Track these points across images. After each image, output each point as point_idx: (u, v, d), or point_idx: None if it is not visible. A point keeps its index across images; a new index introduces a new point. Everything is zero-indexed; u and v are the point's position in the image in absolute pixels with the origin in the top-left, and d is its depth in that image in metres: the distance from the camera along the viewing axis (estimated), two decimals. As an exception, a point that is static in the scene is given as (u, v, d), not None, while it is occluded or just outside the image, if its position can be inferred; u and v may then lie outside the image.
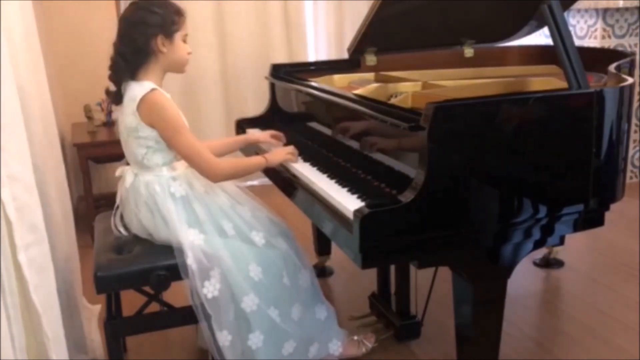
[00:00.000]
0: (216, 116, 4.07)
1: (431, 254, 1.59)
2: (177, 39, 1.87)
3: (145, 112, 1.81)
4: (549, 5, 1.72)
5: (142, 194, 1.87)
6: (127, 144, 1.90)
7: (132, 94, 1.83)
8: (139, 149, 1.86)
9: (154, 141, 1.85)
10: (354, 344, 2.14)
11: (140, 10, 1.85)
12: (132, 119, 1.82)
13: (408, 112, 1.67)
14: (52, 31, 3.53)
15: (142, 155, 1.87)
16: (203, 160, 1.86)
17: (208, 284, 1.79)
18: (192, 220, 1.86)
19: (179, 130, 1.83)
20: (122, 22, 1.88)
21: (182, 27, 1.89)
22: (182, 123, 1.85)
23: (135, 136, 1.85)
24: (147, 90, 1.81)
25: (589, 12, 3.86)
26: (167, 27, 1.84)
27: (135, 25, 1.84)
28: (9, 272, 1.38)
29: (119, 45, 1.86)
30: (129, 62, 1.84)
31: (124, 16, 1.88)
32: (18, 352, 1.40)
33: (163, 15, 1.84)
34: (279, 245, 1.93)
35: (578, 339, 2.27)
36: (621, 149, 1.76)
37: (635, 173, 4.06)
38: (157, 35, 1.83)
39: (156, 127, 1.83)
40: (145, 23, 1.82)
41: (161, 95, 1.83)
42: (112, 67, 1.89)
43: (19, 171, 1.44)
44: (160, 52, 1.85)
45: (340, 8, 4.21)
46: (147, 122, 1.82)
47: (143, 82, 1.85)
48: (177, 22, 1.87)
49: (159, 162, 1.88)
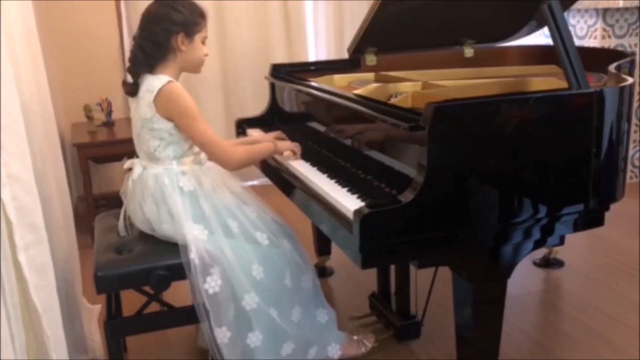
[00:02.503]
0: (216, 116, 4.06)
1: (431, 254, 1.60)
2: (197, 40, 1.91)
3: (162, 103, 1.84)
4: (549, 5, 1.72)
5: (150, 186, 1.89)
6: (139, 136, 1.92)
7: (149, 86, 1.85)
8: (152, 141, 1.88)
9: (167, 133, 1.87)
10: (354, 344, 2.14)
11: (164, 6, 1.88)
12: (148, 110, 1.85)
13: (408, 112, 1.68)
14: (52, 31, 3.53)
15: (154, 148, 1.88)
16: (219, 148, 1.91)
17: (210, 280, 1.79)
18: (197, 216, 1.86)
19: (196, 118, 1.87)
20: (145, 16, 1.90)
21: (204, 29, 1.93)
22: (198, 112, 1.88)
23: (149, 127, 1.86)
24: (164, 82, 1.84)
25: (589, 12, 3.86)
26: (189, 27, 1.88)
27: (158, 20, 1.87)
28: (9, 272, 1.38)
29: (139, 38, 1.89)
30: (148, 55, 1.88)
31: (148, 10, 1.91)
32: (18, 352, 1.40)
33: (187, 15, 1.87)
34: (282, 246, 1.93)
35: (578, 339, 2.27)
36: (621, 149, 1.76)
37: (635, 173, 4.06)
38: (179, 33, 1.87)
39: (173, 117, 1.86)
40: (169, 19, 1.86)
41: (177, 86, 1.87)
42: (131, 59, 1.92)
43: (19, 171, 1.43)
44: (179, 50, 1.89)
45: (340, 8, 4.21)
46: (164, 114, 1.85)
47: (159, 75, 1.88)
48: (200, 23, 1.91)
49: (170, 155, 1.89)
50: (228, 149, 1.94)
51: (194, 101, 1.89)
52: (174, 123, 1.87)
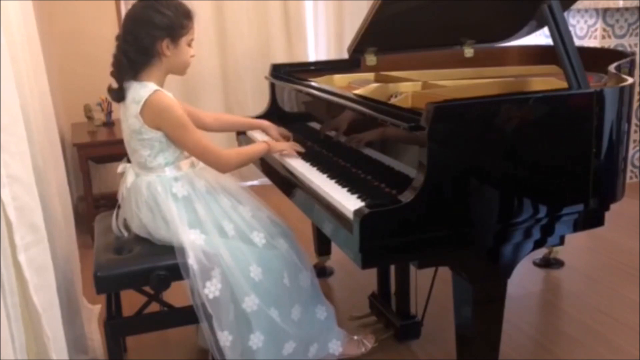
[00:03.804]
0: (216, 116, 4.06)
1: (431, 254, 1.59)
2: (183, 43, 1.86)
3: (149, 115, 1.81)
4: (549, 5, 1.72)
5: (143, 194, 1.87)
6: (129, 144, 1.91)
7: (135, 96, 1.81)
8: (143, 151, 1.86)
9: (157, 142, 1.85)
10: (354, 343, 2.14)
11: (148, 9, 1.81)
12: (136, 121, 1.82)
13: (408, 112, 1.67)
14: (52, 31, 3.53)
15: (145, 157, 1.87)
16: (213, 155, 1.90)
17: (209, 284, 1.78)
18: (193, 221, 1.86)
19: (187, 127, 1.84)
20: (128, 18, 1.85)
21: (190, 31, 1.87)
22: (188, 120, 1.85)
23: (139, 138, 1.84)
24: (150, 92, 1.80)
25: (589, 12, 3.86)
26: (174, 31, 1.82)
27: (141, 24, 1.80)
28: (9, 272, 1.38)
29: (123, 42, 1.83)
30: (132, 61, 1.82)
31: (131, 13, 1.85)
32: (18, 352, 1.39)
33: (172, 18, 1.81)
34: (279, 245, 1.93)
35: (578, 339, 2.27)
36: (621, 149, 1.76)
37: (635, 173, 4.06)
38: (163, 38, 1.81)
39: (163, 129, 1.83)
40: (152, 24, 1.79)
41: (164, 96, 1.83)
42: (115, 64, 1.86)
43: (19, 171, 1.43)
44: (164, 55, 1.84)
45: (340, 8, 4.21)
46: (152, 125, 1.82)
47: (145, 82, 1.84)
48: (186, 26, 1.85)
49: (161, 162, 1.88)
50: (221, 155, 1.92)
51: (181, 109, 1.85)
52: (164, 133, 1.84)
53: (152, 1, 1.82)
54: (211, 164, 1.93)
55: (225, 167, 1.95)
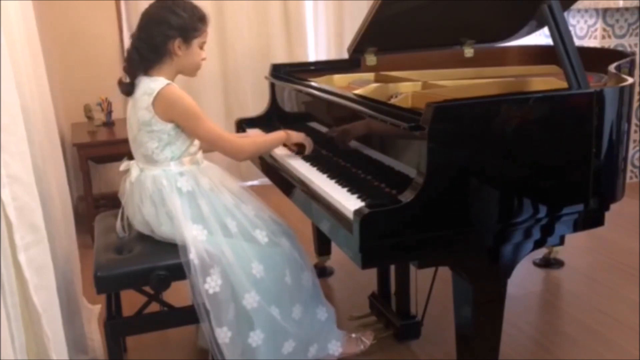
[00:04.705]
0: (216, 116, 4.06)
1: (431, 254, 1.59)
2: (195, 45, 1.90)
3: (162, 106, 1.83)
4: (549, 5, 1.72)
5: (148, 188, 1.88)
6: (136, 139, 1.91)
7: (147, 89, 1.84)
8: (151, 143, 1.88)
9: (166, 134, 1.87)
10: (353, 341, 2.14)
11: (165, 9, 1.86)
12: (146, 113, 1.84)
13: (408, 112, 1.67)
14: (52, 31, 3.53)
15: (152, 149, 1.88)
16: (227, 142, 1.95)
17: (210, 280, 1.79)
18: (196, 217, 1.86)
19: (199, 116, 1.88)
20: (144, 16, 1.89)
21: (203, 34, 1.91)
22: (200, 110, 1.89)
23: (147, 130, 1.86)
24: (163, 85, 1.83)
25: (589, 12, 3.86)
26: (187, 32, 1.87)
27: (156, 23, 1.85)
28: (9, 272, 1.38)
29: (137, 39, 1.88)
30: (143, 57, 1.87)
31: (148, 11, 1.89)
32: (18, 352, 1.39)
33: (186, 19, 1.86)
34: (281, 244, 1.94)
35: (578, 339, 2.27)
36: (621, 149, 1.76)
37: (635, 173, 4.06)
38: (176, 38, 1.86)
39: (175, 120, 1.86)
40: (167, 23, 1.84)
41: (176, 88, 1.87)
42: (127, 60, 1.91)
43: (19, 171, 1.43)
44: (175, 55, 1.88)
45: (340, 8, 4.21)
46: (164, 116, 1.84)
47: (156, 77, 1.87)
48: (199, 29, 1.89)
49: (168, 156, 1.89)
50: (235, 143, 1.98)
51: (193, 100, 1.89)
52: (177, 125, 1.87)
53: (170, 1, 1.87)
54: (225, 152, 1.96)
55: (239, 154, 2.00)
